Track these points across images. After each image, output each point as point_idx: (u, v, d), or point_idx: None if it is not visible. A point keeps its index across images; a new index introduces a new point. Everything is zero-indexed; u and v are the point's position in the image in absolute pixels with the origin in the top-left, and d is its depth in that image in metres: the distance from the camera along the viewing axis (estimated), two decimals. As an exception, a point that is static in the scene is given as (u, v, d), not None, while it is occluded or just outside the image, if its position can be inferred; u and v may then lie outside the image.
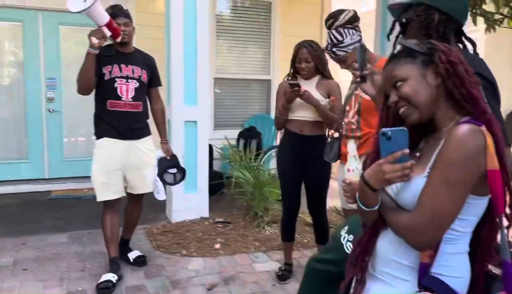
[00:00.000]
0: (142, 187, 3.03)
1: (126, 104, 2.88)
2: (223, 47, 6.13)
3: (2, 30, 5.17)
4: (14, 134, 5.19)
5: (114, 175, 2.89)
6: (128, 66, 2.90)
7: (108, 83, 2.84)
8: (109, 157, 2.88)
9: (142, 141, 2.99)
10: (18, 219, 4.09)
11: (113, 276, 2.82)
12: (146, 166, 3.00)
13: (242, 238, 3.64)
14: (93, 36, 2.65)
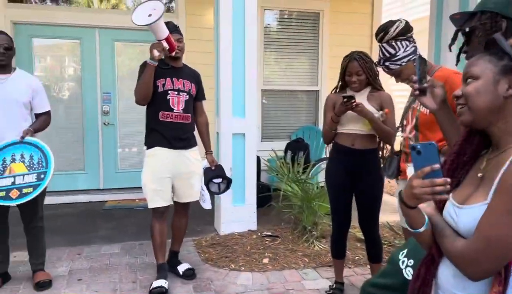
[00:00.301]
0: (189, 195, 3.12)
1: (177, 115, 3.01)
2: (271, 58, 6.14)
3: (62, 48, 5.46)
4: (72, 147, 5.44)
5: (165, 183, 2.99)
6: (179, 80, 3.03)
7: (161, 95, 2.97)
8: (160, 165, 2.98)
9: (190, 151, 3.10)
10: (74, 228, 4.26)
11: (165, 282, 2.91)
12: (194, 175, 3.10)
13: (291, 253, 3.57)
14: (154, 48, 2.81)
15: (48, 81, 5.34)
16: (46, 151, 2.87)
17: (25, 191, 2.78)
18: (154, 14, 2.77)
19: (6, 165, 2.79)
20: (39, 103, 3.00)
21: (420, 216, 1.11)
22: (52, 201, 4.83)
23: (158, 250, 3.02)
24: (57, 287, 2.99)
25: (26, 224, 3.01)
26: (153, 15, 2.75)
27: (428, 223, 1.11)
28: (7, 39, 2.88)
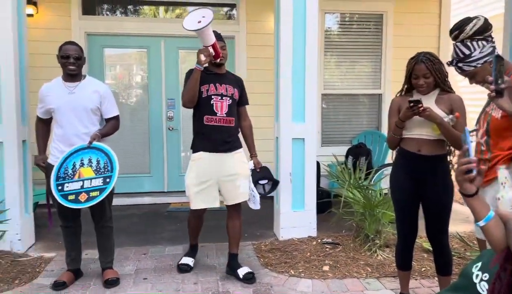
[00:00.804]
0: (235, 196, 3.19)
1: (221, 119, 3.13)
2: (331, 62, 6.06)
3: (131, 56, 5.75)
4: (138, 151, 5.70)
5: (207, 186, 3.13)
6: (222, 85, 3.17)
7: (205, 100, 3.12)
8: (203, 169, 3.13)
9: (234, 153, 3.20)
10: (140, 229, 4.45)
11: (192, 261, 3.39)
12: (239, 177, 3.17)
13: (353, 262, 3.47)
14: (201, 53, 2.99)
15: (117, 88, 5.64)
16: (111, 155, 3.00)
17: (92, 195, 2.91)
18: (203, 21, 2.92)
19: (75, 169, 2.96)
20: (107, 109, 3.16)
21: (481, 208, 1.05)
22: (119, 202, 5.08)
23: (192, 235, 3.46)
24: (124, 285, 3.13)
25: (96, 224, 3.18)
26: (202, 22, 2.90)
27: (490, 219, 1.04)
28: (77, 49, 3.05)
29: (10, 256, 3.55)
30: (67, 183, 2.92)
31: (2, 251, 3.60)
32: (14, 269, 3.35)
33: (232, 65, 5.73)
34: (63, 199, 2.89)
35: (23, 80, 3.82)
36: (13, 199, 3.66)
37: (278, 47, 4.06)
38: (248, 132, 3.39)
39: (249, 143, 3.39)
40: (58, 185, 2.91)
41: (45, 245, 3.91)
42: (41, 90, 3.08)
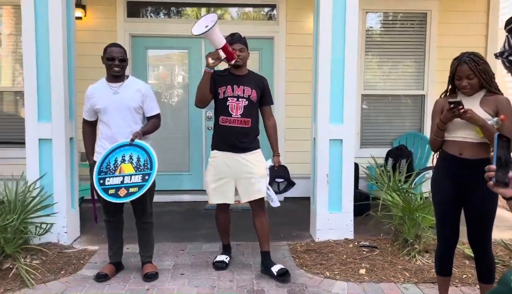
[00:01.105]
0: (251, 194, 3.25)
1: (235, 120, 3.21)
2: (372, 62, 5.95)
3: (172, 57, 5.90)
4: (179, 149, 5.84)
5: (223, 183, 3.25)
6: (239, 87, 3.23)
7: (221, 101, 3.23)
8: (219, 167, 3.26)
9: (250, 154, 3.26)
10: (179, 226, 4.56)
11: (226, 257, 3.48)
12: (254, 175, 3.23)
13: (390, 266, 3.40)
14: (209, 56, 3.07)
15: (160, 88, 5.80)
16: (151, 154, 3.10)
17: (131, 190, 3.01)
18: (210, 25, 2.98)
19: (117, 164, 3.08)
20: (149, 107, 3.26)
21: None
22: (160, 199, 5.22)
23: (222, 235, 3.56)
24: (163, 279, 3.22)
25: (137, 220, 3.30)
26: (209, 27, 2.97)
27: None
28: (121, 51, 3.18)
29: (57, 247, 3.74)
30: (108, 177, 3.04)
31: (49, 242, 3.79)
32: (60, 260, 3.52)
33: (271, 65, 5.76)
34: (104, 193, 3.01)
35: (71, 80, 4.01)
36: (61, 193, 3.85)
37: (317, 47, 4.05)
38: (272, 132, 3.41)
39: (272, 142, 3.42)
40: (100, 179, 3.04)
41: (89, 238, 4.09)
42: (87, 92, 3.22)
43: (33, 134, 3.80)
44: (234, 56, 3.16)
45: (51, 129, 3.80)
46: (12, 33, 5.55)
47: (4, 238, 3.25)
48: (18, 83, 5.57)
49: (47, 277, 3.21)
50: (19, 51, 5.51)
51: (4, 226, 3.28)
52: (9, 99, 5.67)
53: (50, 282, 3.15)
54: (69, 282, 3.17)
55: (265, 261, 3.32)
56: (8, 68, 5.60)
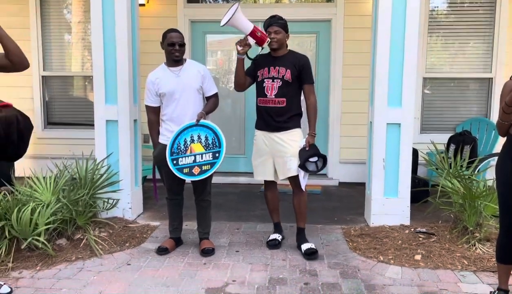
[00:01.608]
0: (284, 172, 3.37)
1: (270, 100, 3.33)
2: (436, 44, 5.70)
3: (231, 42, 5.99)
4: (235, 132, 5.97)
5: (263, 160, 3.43)
6: (275, 68, 3.32)
7: (259, 83, 3.38)
8: (259, 145, 3.45)
9: (284, 133, 3.35)
10: (234, 206, 4.70)
11: (278, 236, 3.58)
12: (286, 154, 3.33)
13: (448, 253, 3.31)
14: (238, 44, 3.24)
15: (217, 74, 5.93)
16: (218, 132, 3.24)
17: (204, 168, 3.20)
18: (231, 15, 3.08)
19: (187, 145, 3.23)
20: (208, 87, 3.39)
21: None
22: (217, 181, 5.40)
23: (272, 213, 3.65)
24: (218, 255, 3.37)
25: (197, 197, 3.45)
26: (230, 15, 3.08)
27: None
28: (180, 36, 3.30)
29: (122, 222, 4.01)
30: (181, 158, 3.21)
31: (115, 217, 4.07)
32: (125, 233, 3.77)
33: (328, 48, 5.69)
34: (179, 172, 3.20)
35: (135, 65, 4.22)
36: (125, 172, 4.10)
37: (375, 29, 3.95)
38: (311, 111, 3.38)
39: (310, 121, 3.39)
40: (173, 160, 3.21)
41: (151, 215, 4.33)
42: (149, 79, 3.37)
43: (101, 116, 4.06)
44: (265, 40, 3.23)
45: (117, 111, 4.05)
46: (81, 21, 5.90)
47: (76, 211, 3.53)
48: (87, 68, 5.94)
49: (113, 248, 3.46)
50: (87, 38, 5.87)
51: (76, 199, 3.57)
52: (78, 83, 6.06)
53: (116, 252, 3.40)
54: (133, 253, 3.40)
55: (298, 237, 3.47)
56: (77, 55, 5.99)
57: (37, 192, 3.55)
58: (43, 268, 3.10)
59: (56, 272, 3.06)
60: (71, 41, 5.95)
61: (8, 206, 3.32)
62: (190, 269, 3.13)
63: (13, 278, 2.95)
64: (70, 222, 3.52)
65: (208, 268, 3.14)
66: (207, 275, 3.02)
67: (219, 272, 3.07)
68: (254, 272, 3.07)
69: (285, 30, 3.34)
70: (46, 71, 5.91)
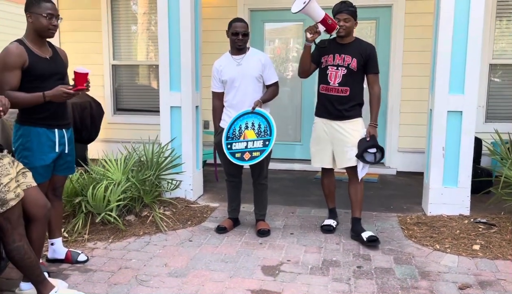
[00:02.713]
0: (343, 161, 3.39)
1: (333, 88, 3.34)
2: (505, 29, 5.41)
3: (288, 30, 6.06)
4: (291, 120, 6.06)
5: (321, 148, 3.47)
6: (341, 56, 3.31)
7: (322, 70, 3.39)
8: (318, 133, 3.47)
9: (346, 122, 3.35)
10: (290, 191, 4.82)
11: (333, 222, 3.62)
12: (346, 144, 3.34)
13: (508, 244, 3.22)
14: (307, 31, 3.21)
15: (275, 62, 6.03)
16: (270, 121, 3.35)
17: (254, 155, 3.34)
18: (306, 1, 3.07)
19: (241, 131, 3.39)
20: (268, 75, 3.49)
21: None
22: (273, 167, 5.52)
23: (327, 198, 3.73)
24: (274, 236, 3.51)
25: (254, 180, 3.60)
26: (306, 3, 3.07)
27: None
28: (245, 26, 3.42)
29: (184, 202, 4.26)
30: (235, 143, 3.38)
31: (178, 197, 4.33)
32: (187, 213, 4.02)
33: (388, 34, 5.59)
34: (232, 156, 3.37)
35: (197, 54, 4.42)
36: (187, 155, 4.35)
37: (438, 13, 3.85)
38: (374, 102, 3.37)
39: (372, 111, 3.39)
40: (228, 144, 3.39)
41: (211, 196, 4.56)
42: (214, 66, 3.55)
43: (166, 102, 4.32)
44: (335, 27, 3.21)
45: (180, 98, 4.28)
46: (146, 12, 6.23)
47: (144, 190, 3.82)
48: (151, 58, 6.27)
49: (177, 226, 3.71)
50: (151, 29, 6.19)
51: (143, 179, 3.86)
52: (144, 72, 6.42)
53: (179, 230, 3.65)
54: (195, 231, 3.63)
55: (355, 227, 3.44)
56: (143, 45, 6.34)
57: (109, 171, 3.87)
58: (115, 241, 3.40)
59: (126, 244, 3.35)
60: (137, 31, 6.30)
61: (84, 184, 3.66)
62: (247, 247, 3.30)
63: (89, 248, 3.27)
64: (138, 200, 3.81)
65: (264, 247, 3.29)
66: (263, 254, 3.17)
67: (274, 252, 3.21)
68: (308, 254, 3.18)
69: (354, 17, 3.30)
70: (116, 61, 6.32)
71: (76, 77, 2.56)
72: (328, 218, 3.71)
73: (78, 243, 3.36)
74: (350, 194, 3.48)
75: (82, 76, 2.56)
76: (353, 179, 3.43)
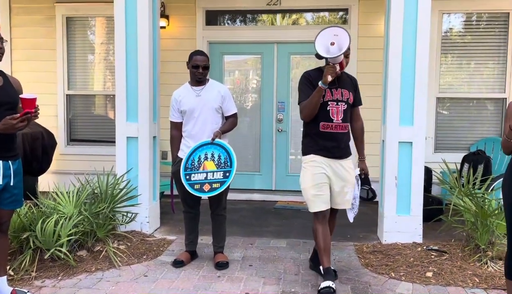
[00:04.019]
0: (342, 203, 3.18)
1: (337, 126, 3.08)
2: (449, 64, 5.78)
3: (247, 63, 6.18)
4: (250, 150, 6.10)
5: (324, 188, 3.08)
6: (338, 90, 3.10)
7: (321, 106, 3.04)
8: (319, 171, 3.08)
9: (345, 161, 3.16)
10: (249, 222, 4.79)
11: (332, 283, 2.89)
12: (347, 184, 3.15)
13: (459, 271, 3.33)
14: (329, 74, 2.90)
15: (235, 93, 6.10)
16: (231, 152, 3.37)
17: (214, 186, 3.32)
18: (336, 42, 2.89)
19: (201, 161, 3.37)
20: (227, 107, 3.52)
21: None
22: (232, 197, 5.49)
23: (323, 254, 3.03)
24: (232, 268, 3.45)
25: (213, 212, 3.56)
26: (336, 44, 2.89)
27: None
28: (205, 59, 3.46)
29: (140, 235, 4.14)
30: (194, 173, 3.34)
31: (134, 230, 4.20)
32: (142, 246, 3.90)
33: (342, 69, 5.81)
34: (191, 187, 3.32)
35: (156, 85, 4.41)
36: (144, 186, 4.25)
37: (387, 49, 4.07)
38: (359, 134, 3.30)
39: (359, 146, 3.30)
40: (186, 175, 3.35)
41: (168, 229, 4.45)
42: (173, 96, 3.54)
43: (122, 133, 4.24)
44: (344, 66, 3.08)
45: (137, 128, 4.22)
46: (103, 42, 6.18)
47: (97, 224, 3.68)
48: (108, 87, 6.18)
49: (131, 260, 3.58)
50: (109, 59, 6.13)
51: (97, 212, 3.72)
52: (100, 102, 6.31)
53: (134, 264, 3.52)
54: (150, 265, 3.51)
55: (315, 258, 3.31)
56: (100, 74, 6.25)
57: (60, 204, 3.71)
58: (65, 278, 3.23)
59: (77, 281, 3.19)
60: (94, 61, 6.22)
61: (33, 218, 3.48)
62: (204, 281, 3.22)
63: (36, 286, 3.09)
64: (90, 234, 3.66)
65: (222, 280, 3.23)
66: (221, 287, 3.11)
67: (232, 284, 3.16)
68: (267, 285, 3.14)
69: None
70: (70, 90, 6.18)
71: (23, 103, 2.48)
72: (326, 279, 2.95)
73: (25, 281, 3.16)
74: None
75: (29, 102, 2.48)
76: (332, 217, 3.27)
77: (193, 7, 5.93)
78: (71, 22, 6.12)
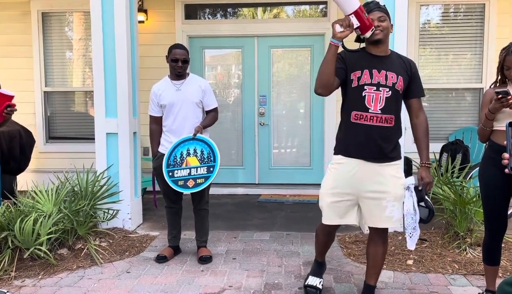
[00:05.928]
0: (379, 219, 2.48)
1: (374, 117, 2.39)
2: (427, 56, 5.85)
3: (228, 57, 6.15)
4: (233, 145, 6.09)
5: (345, 199, 2.49)
6: (381, 72, 2.40)
7: (354, 91, 2.42)
8: (342, 178, 2.47)
9: (386, 165, 2.45)
10: (232, 216, 4.79)
11: (320, 281, 2.84)
12: (387, 196, 2.44)
13: (439, 258, 3.40)
14: (337, 23, 2.27)
15: (216, 88, 6.07)
16: (213, 147, 3.35)
17: (198, 181, 3.31)
18: None
19: (183, 158, 3.34)
20: (208, 101, 3.49)
21: None
22: (215, 192, 5.50)
23: (318, 251, 2.86)
24: (216, 262, 3.45)
25: (195, 206, 3.55)
26: None
27: None
28: (184, 53, 3.42)
29: (122, 232, 4.10)
30: (176, 170, 3.32)
31: (116, 227, 4.16)
32: (125, 243, 3.86)
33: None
34: (174, 184, 3.30)
35: (135, 80, 4.35)
36: (125, 183, 4.20)
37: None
38: (421, 134, 2.54)
39: (420, 147, 2.55)
40: (169, 171, 3.32)
41: (150, 225, 4.42)
42: (152, 90, 3.49)
43: (101, 129, 4.18)
44: (371, 26, 2.33)
45: (117, 124, 4.17)
46: (81, 38, 6.07)
47: (77, 221, 3.63)
48: (87, 84, 6.08)
49: (113, 257, 3.55)
50: (87, 55, 6.03)
51: (77, 210, 3.67)
52: (79, 98, 6.20)
53: (116, 261, 3.48)
54: (133, 262, 3.48)
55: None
56: (78, 71, 6.14)
57: (39, 203, 3.65)
58: (45, 277, 3.18)
59: (58, 280, 3.14)
60: (72, 57, 6.11)
61: (11, 217, 3.41)
62: (188, 276, 3.21)
63: (16, 286, 3.03)
64: (71, 232, 3.61)
65: (206, 274, 3.23)
66: (204, 281, 3.10)
67: (216, 278, 3.16)
68: (250, 278, 3.15)
69: (389, 19, 2.46)
70: (48, 87, 6.06)
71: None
72: (312, 275, 2.85)
73: (4, 281, 3.10)
74: (368, 255, 2.65)
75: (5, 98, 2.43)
76: (376, 238, 2.58)
77: (171, 1, 5.87)
78: (47, 17, 6.00)
